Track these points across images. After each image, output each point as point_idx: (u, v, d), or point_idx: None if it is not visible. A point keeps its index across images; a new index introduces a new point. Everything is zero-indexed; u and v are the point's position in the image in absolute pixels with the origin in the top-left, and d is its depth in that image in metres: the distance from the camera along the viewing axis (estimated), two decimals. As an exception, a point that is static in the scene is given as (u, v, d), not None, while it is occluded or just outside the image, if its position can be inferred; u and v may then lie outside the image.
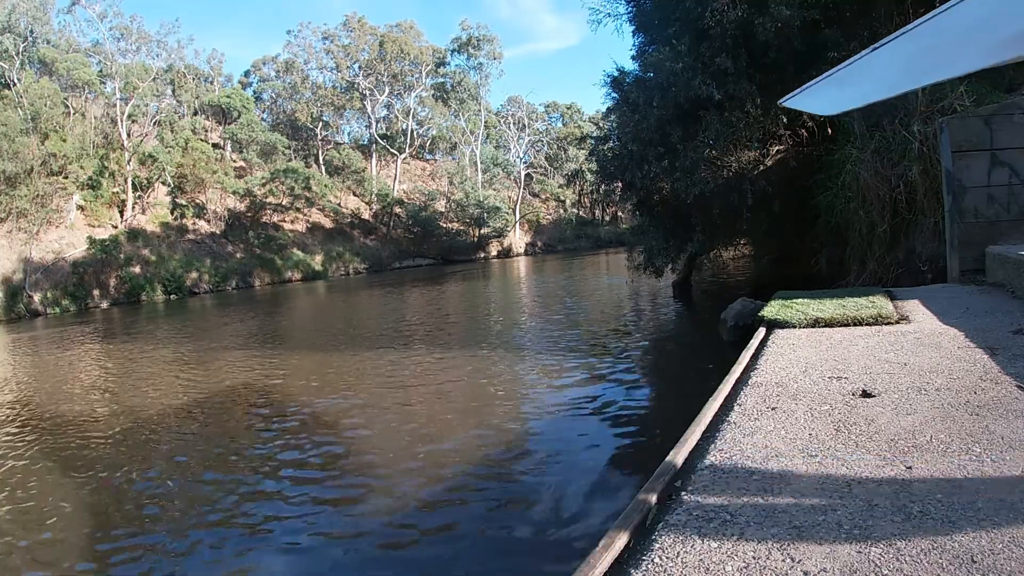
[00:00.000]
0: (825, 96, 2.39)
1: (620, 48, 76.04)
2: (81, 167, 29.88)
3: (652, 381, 7.57)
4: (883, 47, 1.95)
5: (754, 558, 1.09)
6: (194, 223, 33.96)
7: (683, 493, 1.63)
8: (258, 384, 8.56)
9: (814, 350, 3.39)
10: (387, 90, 46.76)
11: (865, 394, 2.87)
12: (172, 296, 29.07)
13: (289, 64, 46.32)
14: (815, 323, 4.28)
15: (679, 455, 2.16)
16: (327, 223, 41.08)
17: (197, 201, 34.65)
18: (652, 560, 1.15)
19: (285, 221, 38.29)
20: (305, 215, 39.73)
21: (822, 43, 9.19)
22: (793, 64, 9.47)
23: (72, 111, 31.44)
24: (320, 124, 46.11)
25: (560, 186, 56.07)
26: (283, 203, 37.40)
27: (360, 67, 45.90)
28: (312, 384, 8.34)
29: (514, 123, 54.79)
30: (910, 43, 1.90)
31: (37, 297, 25.68)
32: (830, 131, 10.33)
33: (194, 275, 30.82)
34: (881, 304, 4.60)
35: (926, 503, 1.22)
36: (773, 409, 2.15)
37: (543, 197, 55.66)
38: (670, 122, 10.52)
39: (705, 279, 16.30)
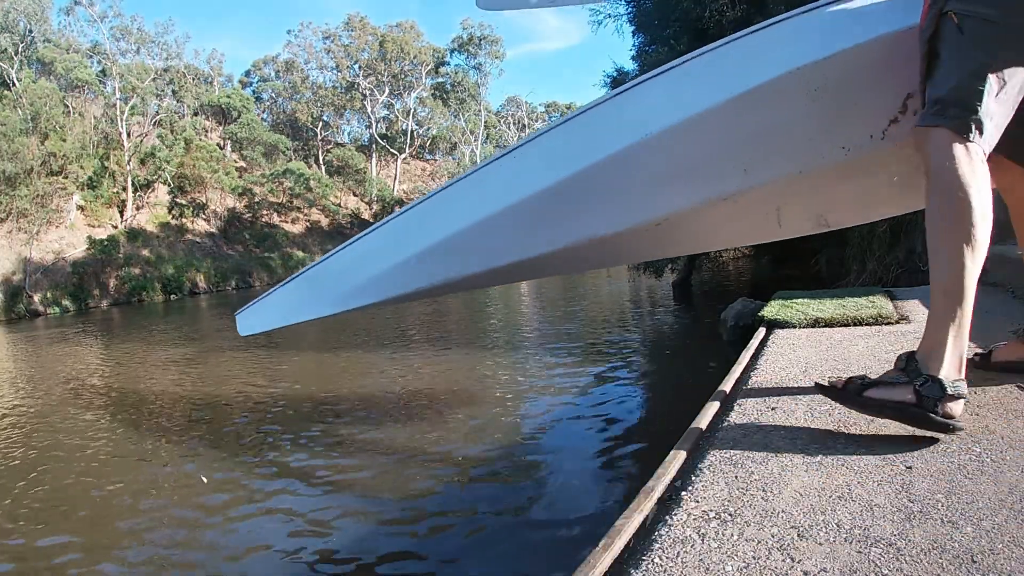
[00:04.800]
0: (255, 318, 3.03)
1: (621, 48, 76.16)
2: (81, 167, 29.88)
3: (651, 381, 7.57)
4: (268, 295, 2.70)
5: (754, 558, 1.08)
6: (193, 223, 33.96)
7: (683, 492, 1.63)
8: (259, 382, 8.56)
9: (814, 350, 3.40)
10: (387, 90, 46.78)
11: (865, 394, 2.86)
12: (172, 296, 29.05)
13: (289, 64, 46.36)
14: (815, 323, 4.27)
15: (678, 455, 2.16)
16: (326, 223, 41.09)
17: (197, 201, 34.65)
18: (652, 560, 1.15)
19: (285, 221, 38.33)
20: (305, 215, 39.76)
21: (822, 43, 9.18)
22: (793, 64, 9.46)
23: (72, 111, 31.43)
24: (320, 124, 46.10)
25: (560, 186, 56.04)
26: (283, 203, 37.43)
27: (360, 67, 45.93)
28: (311, 383, 8.35)
29: (514, 123, 54.84)
30: (293, 291, 2.54)
31: (37, 297, 25.67)
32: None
33: (194, 275, 30.81)
34: (881, 304, 4.60)
35: (926, 503, 1.22)
36: (773, 409, 2.16)
37: (543, 197, 55.65)
38: (669, 122, 10.51)
39: (705, 279, 16.30)
